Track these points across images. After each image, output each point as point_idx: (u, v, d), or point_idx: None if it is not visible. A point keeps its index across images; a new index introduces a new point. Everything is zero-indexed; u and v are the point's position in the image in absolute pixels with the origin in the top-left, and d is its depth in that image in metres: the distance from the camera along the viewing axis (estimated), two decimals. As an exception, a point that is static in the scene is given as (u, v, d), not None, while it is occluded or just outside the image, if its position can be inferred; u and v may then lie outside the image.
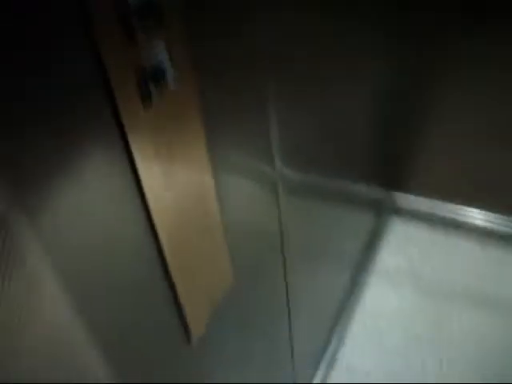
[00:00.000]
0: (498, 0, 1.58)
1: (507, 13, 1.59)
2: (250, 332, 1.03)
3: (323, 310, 1.43)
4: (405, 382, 1.37)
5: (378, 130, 1.63)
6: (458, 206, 1.81)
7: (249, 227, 0.94)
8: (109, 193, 0.60)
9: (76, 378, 0.60)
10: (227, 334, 0.92)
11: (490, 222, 1.75)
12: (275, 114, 0.89)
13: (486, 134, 1.69)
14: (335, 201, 1.37)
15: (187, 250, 0.75)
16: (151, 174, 0.64)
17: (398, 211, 1.85)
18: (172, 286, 0.73)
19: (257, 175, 0.91)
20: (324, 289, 1.40)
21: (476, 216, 1.80)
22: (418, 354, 1.42)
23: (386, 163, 1.82)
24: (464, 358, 1.38)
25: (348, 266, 1.54)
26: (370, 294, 1.58)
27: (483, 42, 1.63)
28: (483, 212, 1.79)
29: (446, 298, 1.54)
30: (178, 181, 0.70)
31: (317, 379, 1.45)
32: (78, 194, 0.56)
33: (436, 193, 1.84)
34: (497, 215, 1.76)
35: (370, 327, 1.51)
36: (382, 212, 1.86)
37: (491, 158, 1.69)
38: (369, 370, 1.43)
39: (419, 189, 1.86)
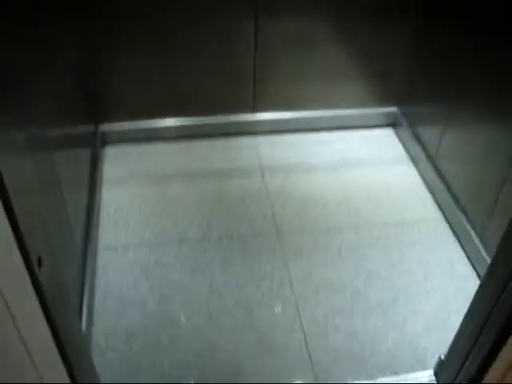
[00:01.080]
0: None
1: None
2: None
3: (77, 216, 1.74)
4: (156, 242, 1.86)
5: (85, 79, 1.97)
6: (156, 120, 2.27)
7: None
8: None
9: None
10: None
11: (183, 124, 2.29)
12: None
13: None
14: (65, 142, 1.65)
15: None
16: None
17: (110, 137, 2.29)
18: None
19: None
20: (73, 206, 1.70)
21: (172, 122, 2.29)
22: (157, 220, 1.94)
23: (97, 101, 2.18)
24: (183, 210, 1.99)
25: (85, 186, 1.92)
26: (107, 197, 2.05)
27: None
28: (176, 118, 2.28)
29: (163, 182, 2.11)
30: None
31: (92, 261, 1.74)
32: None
33: (135, 115, 2.25)
34: (186, 118, 2.29)
35: (114, 216, 1.97)
36: (99, 141, 2.24)
37: (177, 75, 2.12)
38: (125, 243, 1.86)
39: (123, 116, 2.25)
